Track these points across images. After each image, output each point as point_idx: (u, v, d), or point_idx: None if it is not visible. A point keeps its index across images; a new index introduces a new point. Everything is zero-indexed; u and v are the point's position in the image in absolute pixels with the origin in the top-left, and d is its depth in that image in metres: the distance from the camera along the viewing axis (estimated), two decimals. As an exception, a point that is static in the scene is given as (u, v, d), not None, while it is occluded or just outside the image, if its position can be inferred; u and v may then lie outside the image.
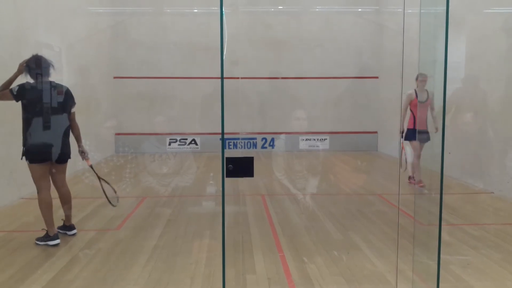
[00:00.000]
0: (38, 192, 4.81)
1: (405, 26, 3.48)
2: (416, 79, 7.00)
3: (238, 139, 9.45)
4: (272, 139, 12.17)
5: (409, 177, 7.50)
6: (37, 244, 4.74)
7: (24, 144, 4.75)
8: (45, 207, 4.78)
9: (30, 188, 7.04)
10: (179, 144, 11.93)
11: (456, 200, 6.49)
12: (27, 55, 4.84)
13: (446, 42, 2.76)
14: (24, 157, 4.75)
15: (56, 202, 5.01)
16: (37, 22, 7.63)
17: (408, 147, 7.37)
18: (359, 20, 12.31)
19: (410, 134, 7.30)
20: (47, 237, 4.76)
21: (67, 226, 5.11)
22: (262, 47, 11.67)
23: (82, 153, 5.05)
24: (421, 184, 6.22)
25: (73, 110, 4.99)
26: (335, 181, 8.75)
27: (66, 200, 5.07)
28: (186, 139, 11.95)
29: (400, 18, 3.56)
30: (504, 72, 7.03)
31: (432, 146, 3.08)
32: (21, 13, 6.97)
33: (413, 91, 7.21)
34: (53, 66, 4.89)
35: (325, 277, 3.93)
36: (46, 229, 4.78)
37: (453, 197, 6.64)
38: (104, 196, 5.15)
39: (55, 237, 4.76)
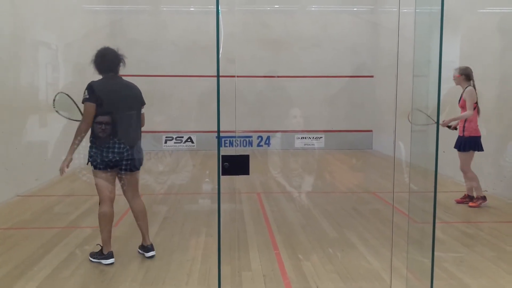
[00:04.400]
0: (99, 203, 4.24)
1: (400, 26, 3.50)
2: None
3: (234, 137, 9.47)
4: (268, 137, 12.20)
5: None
6: (91, 260, 4.23)
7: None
8: (104, 221, 4.18)
9: (26, 185, 7.09)
10: (175, 142, 11.94)
11: (450, 198, 6.53)
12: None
13: (441, 42, 2.79)
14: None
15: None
16: (35, 20, 7.61)
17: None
18: (354, 19, 12.35)
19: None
20: (100, 254, 4.23)
21: (145, 247, 4.41)
22: (258, 46, 11.66)
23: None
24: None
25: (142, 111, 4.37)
26: (330, 179, 8.79)
27: (138, 216, 4.41)
28: (182, 137, 11.95)
29: (395, 17, 3.58)
30: (499, 72, 7.08)
31: (427, 145, 3.10)
32: (19, 11, 6.96)
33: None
34: (123, 61, 4.27)
35: (320, 275, 3.96)
36: (101, 245, 4.25)
37: (447, 195, 6.68)
38: None
39: (109, 256, 4.20)
